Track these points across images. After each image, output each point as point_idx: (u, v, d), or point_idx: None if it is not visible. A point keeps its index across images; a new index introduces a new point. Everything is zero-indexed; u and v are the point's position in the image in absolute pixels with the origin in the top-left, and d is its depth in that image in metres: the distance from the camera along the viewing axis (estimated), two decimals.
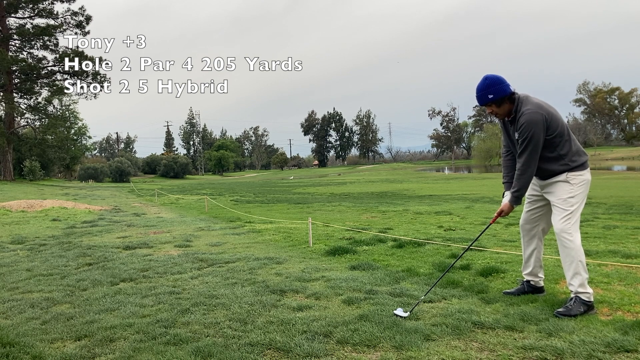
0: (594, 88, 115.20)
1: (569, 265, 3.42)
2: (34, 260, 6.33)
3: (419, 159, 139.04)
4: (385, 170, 78.77)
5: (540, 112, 3.41)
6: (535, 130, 3.38)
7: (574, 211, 3.44)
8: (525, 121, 3.40)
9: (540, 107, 3.44)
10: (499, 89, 3.50)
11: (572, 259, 3.40)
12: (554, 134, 3.44)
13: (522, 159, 3.46)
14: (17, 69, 42.95)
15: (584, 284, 3.37)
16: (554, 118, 3.45)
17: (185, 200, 19.22)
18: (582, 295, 3.35)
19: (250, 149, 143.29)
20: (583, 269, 3.39)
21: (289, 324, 3.31)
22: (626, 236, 6.60)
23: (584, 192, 3.51)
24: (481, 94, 3.57)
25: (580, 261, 3.38)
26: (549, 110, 3.46)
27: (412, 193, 22.00)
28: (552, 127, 3.43)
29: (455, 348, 2.82)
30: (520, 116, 3.45)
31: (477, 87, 3.59)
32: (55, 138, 46.86)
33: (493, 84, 3.52)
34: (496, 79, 3.53)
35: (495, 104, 3.56)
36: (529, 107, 3.43)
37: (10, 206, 14.66)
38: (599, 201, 13.25)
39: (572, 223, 3.42)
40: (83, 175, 58.06)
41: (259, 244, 7.05)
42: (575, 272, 3.39)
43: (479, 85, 3.57)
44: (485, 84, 3.54)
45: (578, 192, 3.47)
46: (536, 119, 3.38)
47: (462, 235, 7.16)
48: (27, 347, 3.07)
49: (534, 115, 3.39)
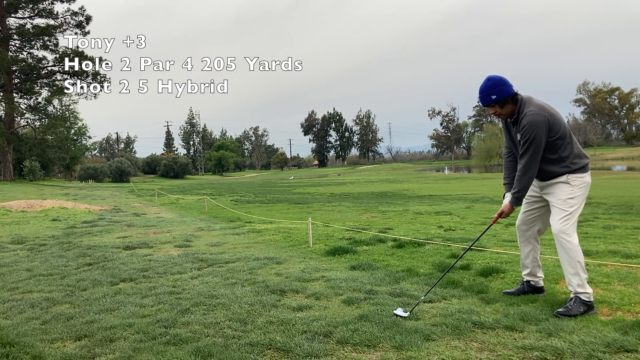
0: (594, 88, 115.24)
1: (567, 265, 3.42)
2: (34, 260, 6.33)
3: (419, 159, 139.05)
4: (385, 170, 78.77)
5: (543, 113, 3.40)
6: (537, 131, 3.37)
7: (573, 212, 3.44)
8: (528, 122, 3.39)
9: (543, 109, 3.43)
10: (502, 90, 3.49)
11: (570, 259, 3.40)
12: (556, 136, 3.44)
13: (523, 160, 3.45)
14: (17, 69, 42.96)
15: (583, 284, 3.37)
16: (556, 120, 3.44)
17: (185, 200, 19.22)
18: (582, 296, 3.36)
19: (250, 149, 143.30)
20: (582, 269, 3.39)
21: (289, 324, 3.31)
22: (626, 236, 6.60)
23: (583, 194, 3.51)
24: (484, 95, 3.56)
25: (578, 261, 3.38)
26: (551, 112, 3.46)
27: (412, 193, 22.00)
28: (554, 129, 3.43)
29: (455, 348, 2.82)
30: (523, 117, 3.45)
31: (480, 88, 3.58)
32: (55, 138, 46.88)
33: (496, 84, 3.51)
34: (499, 80, 3.53)
35: (498, 104, 3.55)
36: (532, 109, 3.43)
37: (10, 206, 14.66)
38: (599, 201, 13.26)
39: (570, 224, 3.42)
40: (83, 175, 58.05)
41: (259, 244, 7.05)
42: (574, 273, 3.39)
43: (482, 85, 3.57)
44: (489, 85, 3.53)
45: (578, 194, 3.47)
46: (538, 121, 3.38)
47: (462, 235, 7.16)
48: (27, 347, 3.07)
49: (536, 116, 3.39)
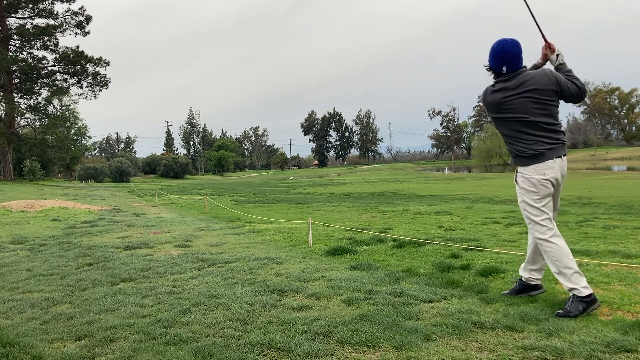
0: (594, 88, 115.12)
1: (551, 265, 3.41)
2: (34, 260, 6.33)
3: (419, 159, 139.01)
4: (385, 170, 78.75)
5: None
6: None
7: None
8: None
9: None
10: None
11: (548, 259, 3.41)
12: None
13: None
14: (17, 69, 42.96)
15: (571, 280, 3.29)
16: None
17: (185, 200, 19.22)
18: (575, 292, 3.28)
19: (250, 149, 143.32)
20: (563, 266, 3.31)
21: (289, 324, 3.31)
22: (626, 236, 6.60)
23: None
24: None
25: (557, 260, 3.33)
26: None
27: (412, 193, 22.00)
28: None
29: (455, 348, 2.82)
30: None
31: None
32: (55, 138, 46.86)
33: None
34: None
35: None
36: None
37: (10, 206, 14.66)
38: (599, 201, 13.26)
39: (537, 225, 3.45)
40: (83, 175, 58.03)
41: (259, 244, 7.05)
42: (557, 272, 3.37)
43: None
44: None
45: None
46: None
47: (462, 235, 7.16)
48: (27, 347, 3.07)
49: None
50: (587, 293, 3.27)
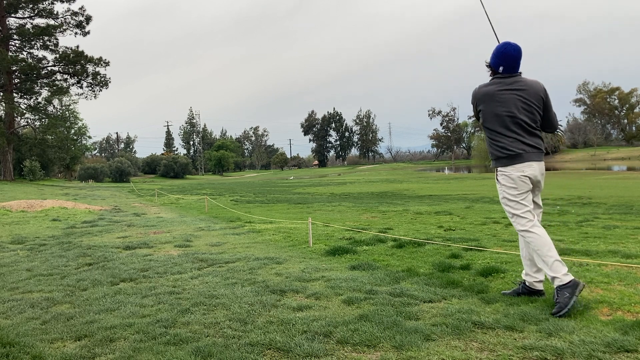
0: (594, 88, 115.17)
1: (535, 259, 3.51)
2: (34, 260, 6.33)
3: (419, 159, 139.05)
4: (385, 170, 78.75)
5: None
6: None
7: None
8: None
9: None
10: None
11: (533, 250, 3.48)
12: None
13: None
14: (17, 69, 42.97)
15: (552, 267, 3.34)
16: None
17: (185, 200, 19.22)
18: (557, 282, 3.31)
19: (250, 149, 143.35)
20: (539, 259, 3.42)
21: (289, 324, 3.31)
22: (626, 236, 6.60)
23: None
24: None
25: (536, 252, 3.43)
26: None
27: (412, 193, 22.00)
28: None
29: (455, 348, 2.82)
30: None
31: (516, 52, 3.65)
32: (55, 138, 46.88)
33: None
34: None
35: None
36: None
37: (10, 206, 14.66)
38: (599, 201, 13.26)
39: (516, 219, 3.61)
40: (83, 175, 58.04)
41: (259, 244, 7.05)
42: (540, 262, 3.44)
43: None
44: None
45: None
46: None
47: (462, 235, 7.15)
48: (27, 347, 3.07)
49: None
50: (567, 280, 3.30)
